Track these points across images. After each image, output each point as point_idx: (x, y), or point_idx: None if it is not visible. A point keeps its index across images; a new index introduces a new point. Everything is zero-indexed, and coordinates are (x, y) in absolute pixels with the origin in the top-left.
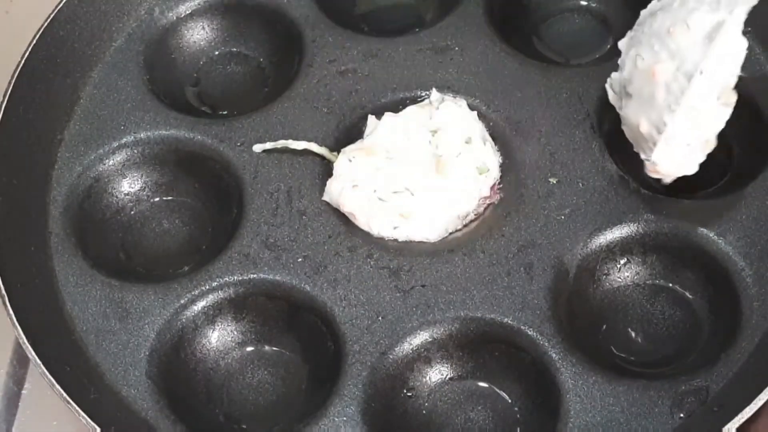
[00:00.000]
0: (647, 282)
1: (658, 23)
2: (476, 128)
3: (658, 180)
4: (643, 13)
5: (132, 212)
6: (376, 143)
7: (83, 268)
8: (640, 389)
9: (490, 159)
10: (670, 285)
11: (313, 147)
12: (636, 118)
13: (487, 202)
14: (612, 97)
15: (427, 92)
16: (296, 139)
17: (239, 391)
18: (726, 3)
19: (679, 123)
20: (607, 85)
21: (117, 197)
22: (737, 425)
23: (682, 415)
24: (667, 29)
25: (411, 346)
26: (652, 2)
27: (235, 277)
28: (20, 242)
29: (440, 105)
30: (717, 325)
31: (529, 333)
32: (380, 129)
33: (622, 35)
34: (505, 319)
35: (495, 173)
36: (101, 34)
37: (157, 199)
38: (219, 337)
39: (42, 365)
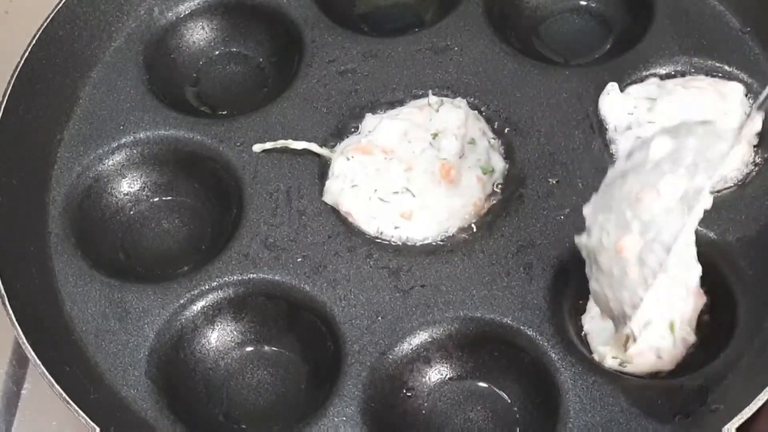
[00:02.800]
0: None
1: (627, 187)
2: (479, 128)
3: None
4: (611, 173)
5: (132, 212)
6: (373, 143)
7: (83, 268)
8: (640, 389)
9: (495, 158)
10: None
11: (313, 147)
12: (607, 293)
13: (490, 201)
14: (584, 254)
15: (427, 92)
16: (296, 139)
17: (239, 391)
18: (704, 167)
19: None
20: (576, 241)
21: (116, 197)
22: (737, 425)
23: (682, 415)
24: (636, 195)
25: (411, 346)
26: (619, 161)
27: (235, 277)
28: (20, 242)
29: (440, 108)
30: (717, 325)
31: (529, 333)
32: (379, 130)
33: (622, 35)
34: (505, 319)
35: (499, 172)
36: (101, 34)
37: (156, 199)
38: (218, 337)
39: (42, 365)
